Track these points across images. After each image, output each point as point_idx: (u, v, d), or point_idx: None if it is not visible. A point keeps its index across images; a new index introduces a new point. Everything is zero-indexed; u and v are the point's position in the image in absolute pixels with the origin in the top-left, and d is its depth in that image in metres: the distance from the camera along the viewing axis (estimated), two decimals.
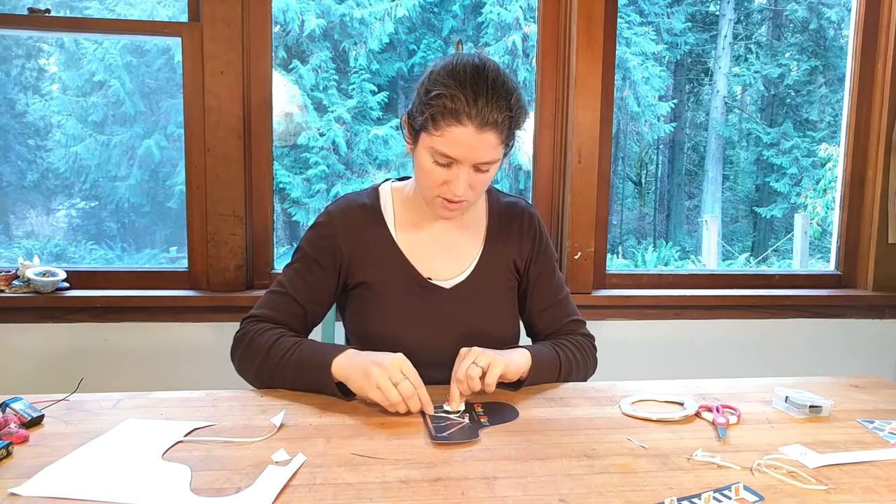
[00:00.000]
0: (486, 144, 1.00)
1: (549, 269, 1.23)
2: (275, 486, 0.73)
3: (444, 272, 1.16)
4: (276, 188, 5.51)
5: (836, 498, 0.73)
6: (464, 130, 0.98)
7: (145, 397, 1.02)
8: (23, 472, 0.76)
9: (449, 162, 1.02)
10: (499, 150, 1.03)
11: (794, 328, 2.02)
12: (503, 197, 1.25)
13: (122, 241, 8.29)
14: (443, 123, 0.99)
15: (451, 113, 0.98)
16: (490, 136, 1.00)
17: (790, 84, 10.67)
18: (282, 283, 1.15)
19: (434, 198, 1.08)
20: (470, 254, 1.18)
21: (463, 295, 1.15)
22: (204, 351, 1.78)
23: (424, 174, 1.06)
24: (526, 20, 8.37)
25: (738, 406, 1.01)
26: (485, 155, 1.02)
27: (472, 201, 1.10)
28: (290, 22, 7.95)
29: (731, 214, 11.42)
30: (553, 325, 1.23)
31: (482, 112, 0.98)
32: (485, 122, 0.98)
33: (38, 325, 1.72)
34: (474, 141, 0.99)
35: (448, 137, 0.99)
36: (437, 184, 1.05)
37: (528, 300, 1.23)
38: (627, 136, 11.04)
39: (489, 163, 1.03)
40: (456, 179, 1.03)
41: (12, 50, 7.77)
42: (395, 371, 0.93)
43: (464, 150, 1.00)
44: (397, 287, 1.14)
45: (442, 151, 1.01)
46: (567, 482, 0.76)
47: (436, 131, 1.00)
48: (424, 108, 1.01)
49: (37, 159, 7.95)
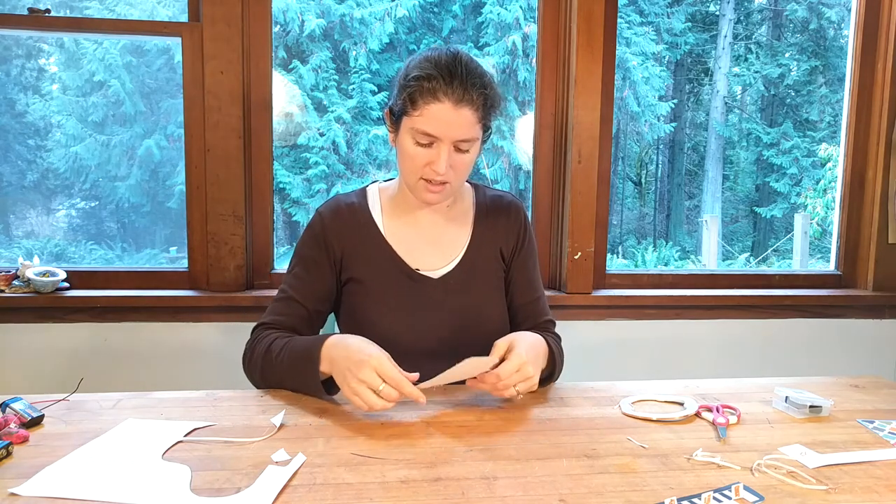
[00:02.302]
0: (463, 121, 1.05)
1: (531, 262, 1.26)
2: (275, 486, 0.73)
3: (432, 263, 1.18)
4: (276, 188, 5.51)
5: (836, 498, 0.73)
6: (441, 107, 1.03)
7: (145, 397, 1.02)
8: (23, 472, 0.76)
9: (430, 141, 1.06)
10: (476, 129, 1.07)
11: (794, 328, 2.02)
12: (489, 191, 1.28)
13: (122, 241, 8.29)
14: (421, 102, 1.04)
15: (429, 91, 1.03)
16: (467, 113, 1.04)
17: (790, 84, 10.67)
18: (284, 290, 1.18)
19: (417, 181, 1.10)
20: (457, 245, 1.20)
21: (451, 285, 1.17)
22: (204, 351, 1.78)
23: (407, 158, 1.09)
24: (526, 20, 8.37)
25: (738, 406, 1.01)
26: (463, 132, 1.05)
27: (454, 185, 1.12)
28: (290, 22, 7.95)
29: (731, 214, 11.42)
30: (531, 320, 1.24)
31: (457, 90, 1.03)
32: (461, 98, 1.03)
33: (38, 325, 1.72)
34: (452, 117, 1.04)
35: (427, 115, 1.04)
36: (419, 166, 1.08)
37: (509, 292, 1.25)
38: (627, 136, 11.04)
39: (468, 140, 1.07)
40: (437, 158, 1.06)
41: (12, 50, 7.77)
42: (372, 378, 0.90)
43: (442, 126, 1.04)
44: (386, 279, 1.16)
45: (422, 129, 1.04)
46: (567, 482, 0.76)
47: (415, 111, 1.04)
48: (402, 91, 1.06)
49: (37, 159, 7.95)
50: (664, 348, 1.97)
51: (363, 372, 0.91)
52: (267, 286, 1.84)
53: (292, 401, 1.02)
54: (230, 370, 1.74)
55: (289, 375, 1.05)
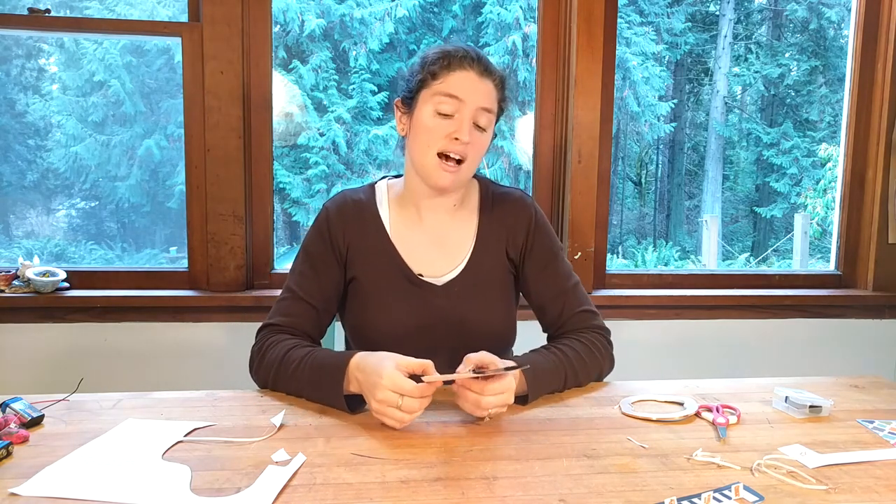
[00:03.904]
0: (487, 91, 1.08)
1: (548, 257, 1.20)
2: (275, 486, 0.73)
3: (435, 268, 1.16)
4: (276, 188, 5.51)
5: (836, 498, 0.73)
6: (467, 74, 1.07)
7: (145, 397, 1.02)
8: (23, 472, 0.76)
9: (452, 110, 1.06)
10: (495, 105, 1.11)
11: (794, 328, 2.02)
12: (497, 188, 1.24)
13: (122, 241, 8.29)
14: (445, 72, 1.07)
15: (454, 61, 1.07)
16: (489, 85, 1.08)
17: (790, 84, 10.67)
18: (290, 288, 1.15)
19: (433, 158, 1.09)
20: (462, 248, 1.18)
21: (455, 292, 1.15)
22: (204, 351, 1.78)
23: (425, 131, 1.08)
24: (526, 20, 8.37)
25: (738, 406, 1.01)
26: (486, 100, 1.08)
27: (468, 167, 1.11)
28: (290, 22, 7.95)
29: (731, 214, 11.43)
30: (561, 316, 1.18)
31: (481, 64, 1.08)
32: (484, 71, 1.08)
33: (38, 325, 1.72)
34: (477, 84, 1.07)
35: (451, 81, 1.06)
36: (438, 138, 1.07)
37: (531, 292, 1.20)
38: (627, 136, 11.04)
39: (489, 111, 1.09)
40: (461, 125, 1.06)
41: (12, 50, 7.77)
42: (390, 397, 0.89)
43: (468, 89, 1.06)
44: (389, 283, 1.14)
45: (447, 92, 1.06)
46: (567, 482, 0.76)
47: (437, 80, 1.07)
48: (421, 70, 1.09)
49: (37, 159, 7.95)
50: (664, 348, 1.97)
51: (380, 394, 0.89)
52: (267, 286, 1.84)
53: (292, 401, 1.02)
54: (230, 370, 1.74)
55: (309, 388, 1.02)
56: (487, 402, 0.91)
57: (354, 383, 0.97)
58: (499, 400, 0.92)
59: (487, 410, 0.92)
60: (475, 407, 0.92)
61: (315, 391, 1.01)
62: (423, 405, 0.90)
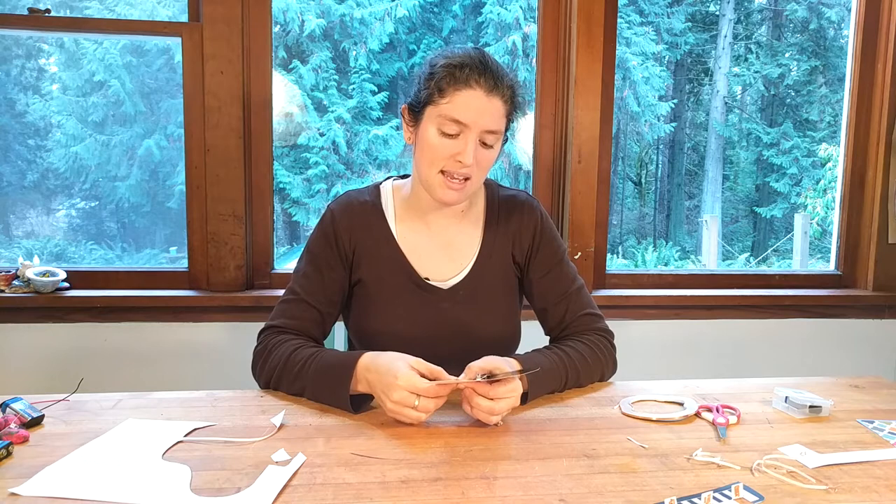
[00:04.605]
0: (494, 110, 1.03)
1: (553, 261, 1.19)
2: (275, 486, 0.73)
3: (441, 272, 1.16)
4: (276, 188, 5.51)
5: (836, 498, 0.73)
6: (473, 94, 1.02)
7: (145, 397, 1.02)
8: (23, 472, 0.76)
9: (457, 131, 1.03)
10: (502, 123, 1.06)
11: (794, 328, 2.02)
12: (503, 191, 1.23)
13: (122, 241, 8.28)
14: (451, 89, 1.02)
15: (461, 78, 1.02)
16: (497, 103, 1.04)
17: (790, 84, 10.66)
18: (293, 290, 1.14)
19: (437, 175, 1.06)
20: (468, 252, 1.17)
21: (460, 295, 1.14)
22: (204, 351, 1.78)
23: (429, 149, 1.05)
24: (526, 20, 8.36)
25: (738, 406, 1.01)
26: (492, 122, 1.04)
27: (474, 183, 1.08)
28: (290, 22, 7.95)
29: (731, 214, 11.42)
30: (565, 319, 1.18)
31: (490, 79, 1.02)
32: (493, 87, 1.02)
33: (38, 325, 1.72)
34: (483, 105, 1.02)
35: (457, 101, 1.02)
36: (441, 158, 1.05)
37: (536, 295, 1.20)
38: (627, 136, 11.04)
39: (495, 133, 1.05)
40: (464, 148, 1.03)
41: (12, 50, 7.77)
42: (405, 398, 0.90)
43: (473, 113, 1.02)
44: (395, 286, 1.14)
45: (451, 116, 1.02)
46: (567, 482, 0.76)
47: (443, 99, 1.02)
48: (430, 80, 1.03)
49: (37, 159, 7.94)
50: (664, 348, 1.97)
51: (396, 395, 0.90)
52: (267, 286, 1.84)
53: (292, 401, 1.02)
54: (230, 370, 1.74)
55: (314, 387, 1.01)
56: (501, 406, 0.91)
57: (363, 383, 0.97)
58: (509, 403, 0.93)
59: (500, 416, 0.93)
60: (489, 414, 0.92)
61: (321, 391, 1.01)
62: (439, 405, 0.91)
